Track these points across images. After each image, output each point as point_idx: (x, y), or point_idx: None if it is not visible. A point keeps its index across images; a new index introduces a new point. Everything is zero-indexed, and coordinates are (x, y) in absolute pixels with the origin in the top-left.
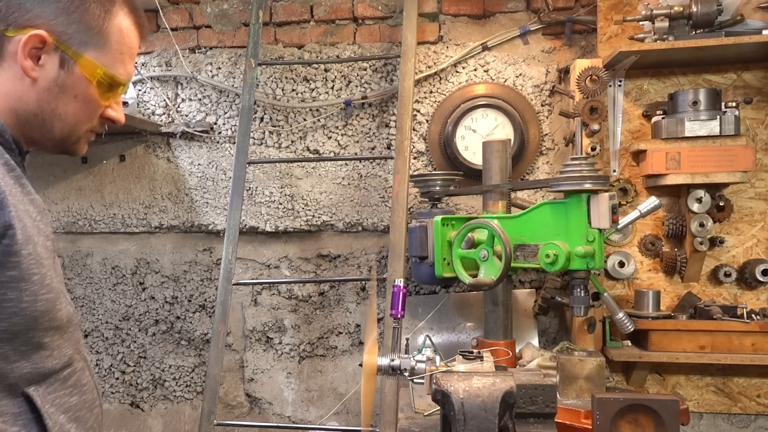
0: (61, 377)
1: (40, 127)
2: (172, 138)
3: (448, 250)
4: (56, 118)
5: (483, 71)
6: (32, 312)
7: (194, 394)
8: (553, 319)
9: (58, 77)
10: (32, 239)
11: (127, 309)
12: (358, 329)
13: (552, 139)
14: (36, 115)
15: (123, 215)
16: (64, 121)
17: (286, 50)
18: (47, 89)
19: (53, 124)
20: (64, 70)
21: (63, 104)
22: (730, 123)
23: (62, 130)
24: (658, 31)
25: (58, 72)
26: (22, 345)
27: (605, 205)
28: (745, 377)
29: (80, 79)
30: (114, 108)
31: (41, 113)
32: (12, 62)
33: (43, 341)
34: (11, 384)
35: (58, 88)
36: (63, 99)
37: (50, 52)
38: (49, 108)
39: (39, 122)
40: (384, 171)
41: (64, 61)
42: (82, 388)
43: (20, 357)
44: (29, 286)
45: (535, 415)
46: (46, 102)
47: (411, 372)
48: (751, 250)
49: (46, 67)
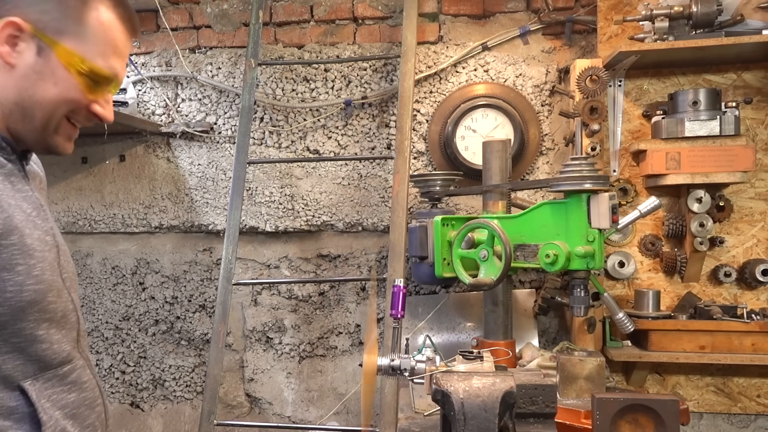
0: (59, 373)
1: (22, 118)
2: (172, 138)
3: (448, 250)
4: (36, 105)
5: (483, 71)
6: (17, 302)
7: (194, 394)
8: (553, 319)
9: (35, 64)
10: (18, 230)
11: (127, 309)
12: (358, 329)
13: (552, 139)
14: (17, 103)
15: (123, 215)
16: (44, 108)
17: (286, 50)
18: (25, 75)
19: (34, 112)
20: (41, 57)
21: (42, 90)
22: (730, 123)
23: (42, 118)
24: (658, 31)
25: (36, 59)
26: (13, 336)
27: (605, 205)
28: (745, 377)
29: (58, 66)
30: (101, 104)
31: (21, 101)
32: None
33: (37, 333)
34: (5, 376)
35: (36, 74)
36: (42, 85)
37: (27, 40)
38: (27, 94)
39: (20, 111)
40: (384, 171)
41: (41, 48)
42: (81, 386)
43: (12, 348)
44: (13, 276)
45: (535, 415)
46: (25, 88)
47: (411, 372)
48: (751, 250)
49: (24, 54)
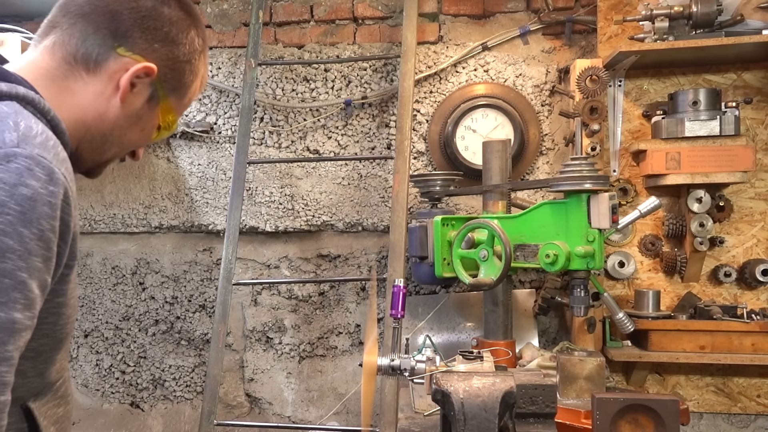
0: (54, 389)
1: (99, 148)
2: (172, 138)
3: (448, 250)
4: (118, 144)
5: (483, 71)
6: (62, 334)
7: (194, 394)
8: (553, 319)
9: (141, 109)
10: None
11: (127, 309)
12: (358, 329)
13: (552, 139)
14: (104, 135)
15: (123, 215)
16: (121, 148)
17: (286, 50)
18: (127, 116)
19: (112, 147)
20: (149, 105)
21: (131, 133)
22: (730, 123)
23: (113, 155)
24: (658, 31)
25: (144, 105)
26: (42, 363)
27: (605, 205)
28: (745, 377)
29: (155, 117)
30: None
31: (110, 136)
32: (106, 78)
33: (56, 357)
34: (18, 398)
35: (136, 118)
36: (134, 129)
37: (146, 85)
38: (119, 133)
39: (100, 143)
40: (384, 171)
41: (153, 97)
42: (67, 398)
43: (36, 374)
44: (67, 310)
45: (535, 415)
46: (120, 127)
47: (411, 372)
48: (751, 250)
49: (137, 96)
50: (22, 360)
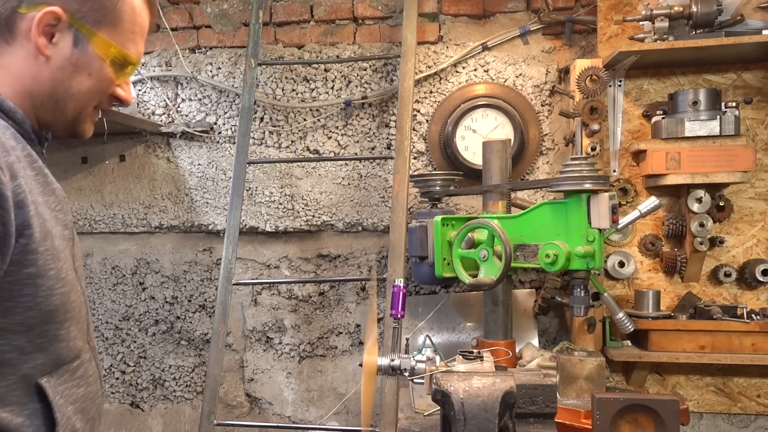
0: (71, 368)
1: (54, 109)
2: (172, 138)
3: (448, 250)
4: (69, 98)
5: (483, 71)
6: (47, 306)
7: (194, 394)
8: (553, 319)
9: (72, 55)
10: (50, 233)
11: (127, 309)
12: (358, 329)
13: (552, 139)
14: (50, 95)
15: (123, 215)
16: (77, 100)
17: (286, 50)
18: (61, 68)
19: (66, 104)
20: (78, 48)
21: (77, 83)
22: (730, 123)
23: (75, 109)
24: (658, 31)
25: (72, 50)
26: (38, 337)
27: (605, 205)
28: (745, 377)
29: (94, 57)
30: (123, 87)
31: (55, 93)
32: (24, 41)
33: (59, 333)
34: (25, 375)
35: (72, 66)
36: (77, 78)
37: (64, 30)
38: (63, 87)
39: (53, 103)
40: (384, 171)
41: (78, 39)
42: (87, 380)
43: (36, 349)
44: (45, 281)
45: (535, 415)
46: (60, 81)
47: (411, 372)
48: (751, 250)
49: (59, 45)
50: (11, 335)
